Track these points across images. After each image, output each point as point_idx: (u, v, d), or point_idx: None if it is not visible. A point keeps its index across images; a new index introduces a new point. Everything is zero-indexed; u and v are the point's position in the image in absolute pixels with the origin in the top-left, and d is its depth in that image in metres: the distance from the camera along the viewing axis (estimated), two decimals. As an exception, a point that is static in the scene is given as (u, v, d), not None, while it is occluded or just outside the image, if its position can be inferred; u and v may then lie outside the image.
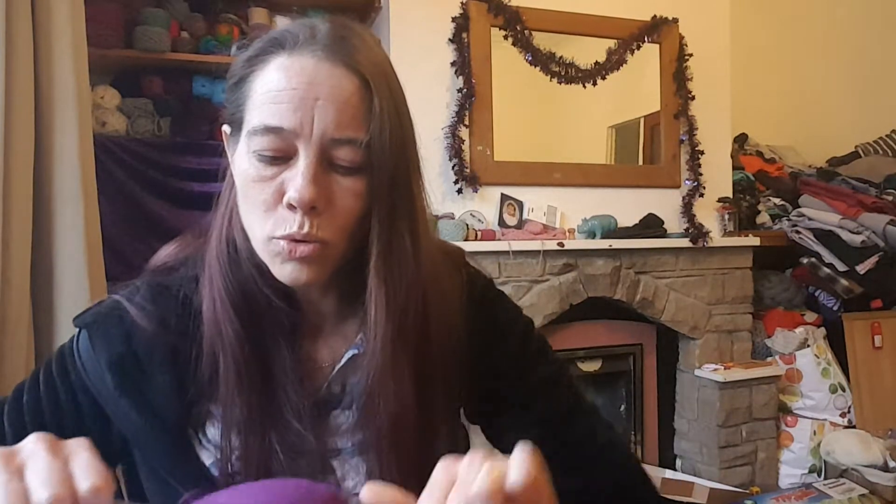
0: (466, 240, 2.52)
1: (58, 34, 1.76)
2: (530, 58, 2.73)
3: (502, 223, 2.66)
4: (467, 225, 2.55)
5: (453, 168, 2.58)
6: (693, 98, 2.99)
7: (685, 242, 2.88)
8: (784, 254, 3.26)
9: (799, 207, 3.30)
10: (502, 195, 2.67)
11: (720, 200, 3.07)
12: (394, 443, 0.62)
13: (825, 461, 2.97)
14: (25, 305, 1.70)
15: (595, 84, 2.84)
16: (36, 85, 1.73)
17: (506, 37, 2.70)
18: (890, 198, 3.25)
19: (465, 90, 2.59)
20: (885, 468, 2.82)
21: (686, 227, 2.93)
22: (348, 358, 0.66)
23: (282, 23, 2.57)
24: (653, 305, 2.87)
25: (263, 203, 0.58)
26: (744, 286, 3.07)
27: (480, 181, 2.62)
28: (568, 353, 2.87)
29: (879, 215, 3.08)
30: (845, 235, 3.07)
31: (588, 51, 2.84)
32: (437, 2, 2.63)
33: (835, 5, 4.05)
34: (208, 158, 2.26)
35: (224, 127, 0.65)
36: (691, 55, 3.00)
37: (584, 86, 2.83)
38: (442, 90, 2.62)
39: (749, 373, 2.92)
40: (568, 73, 2.80)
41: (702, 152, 3.00)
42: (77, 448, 0.42)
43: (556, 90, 2.81)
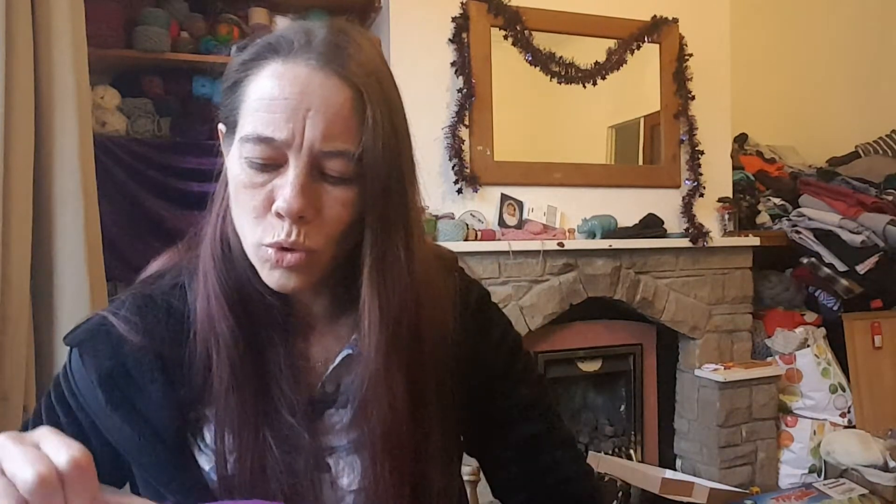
0: (466, 240, 2.52)
1: (58, 34, 1.75)
2: (530, 58, 2.73)
3: (502, 223, 2.66)
4: (467, 225, 2.55)
5: (453, 168, 2.58)
6: (693, 98, 2.99)
7: (685, 242, 2.88)
8: (784, 254, 3.25)
9: (799, 207, 3.30)
10: (502, 195, 2.67)
11: (720, 200, 3.07)
12: (387, 444, 0.62)
13: (825, 461, 2.97)
14: (25, 305, 1.70)
15: (595, 84, 2.84)
16: (36, 85, 1.73)
17: (506, 37, 2.70)
18: (890, 198, 3.25)
19: (465, 90, 2.59)
20: (885, 468, 2.82)
21: (686, 227, 2.93)
22: (342, 358, 0.66)
23: (282, 23, 2.57)
24: (653, 305, 2.87)
25: (253, 209, 0.59)
26: (744, 286, 3.07)
27: (480, 181, 2.62)
28: (568, 353, 2.88)
29: (879, 215, 3.08)
30: (845, 235, 3.07)
31: (588, 51, 2.84)
32: (437, 2, 2.63)
33: (835, 5, 4.05)
34: (208, 158, 2.24)
35: (220, 125, 0.65)
36: (691, 55, 3.00)
37: (584, 86, 2.83)
38: (442, 90, 2.62)
39: (749, 373, 2.93)
40: (568, 73, 2.80)
41: (702, 152, 3.00)
42: (43, 433, 0.42)
43: (556, 90, 2.81)
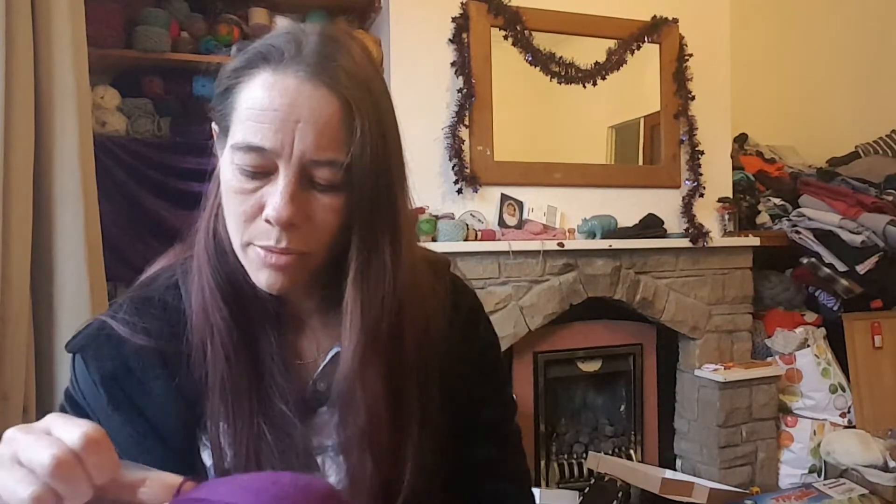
0: (466, 240, 2.52)
1: (58, 34, 1.76)
2: (530, 58, 2.73)
3: (502, 223, 2.66)
4: (467, 225, 2.55)
5: (453, 168, 2.58)
6: (693, 98, 2.99)
7: (685, 242, 2.88)
8: (784, 254, 3.25)
9: (799, 207, 3.30)
10: (502, 195, 2.67)
11: (720, 200, 3.07)
12: (366, 443, 0.64)
13: (825, 461, 2.97)
14: (25, 305, 1.70)
15: (595, 84, 2.84)
16: (36, 85, 1.73)
17: (506, 37, 2.70)
18: (890, 198, 3.24)
19: (465, 90, 2.59)
20: (885, 468, 2.82)
21: (686, 227, 2.93)
22: (332, 355, 0.68)
23: (282, 23, 2.57)
24: (653, 305, 2.87)
25: (244, 213, 0.60)
26: (744, 286, 3.07)
27: (480, 181, 2.62)
28: (568, 353, 2.88)
29: (879, 215, 3.08)
30: (845, 235, 3.07)
31: (588, 51, 2.84)
32: (437, 2, 2.63)
33: (835, 5, 4.05)
34: (208, 158, 2.24)
35: (213, 125, 0.67)
36: (691, 55, 3.00)
37: (584, 86, 2.83)
38: (442, 90, 2.62)
39: (749, 373, 2.93)
40: (568, 74, 2.80)
41: (702, 152, 3.00)
42: (51, 419, 0.43)
43: (556, 90, 2.81)
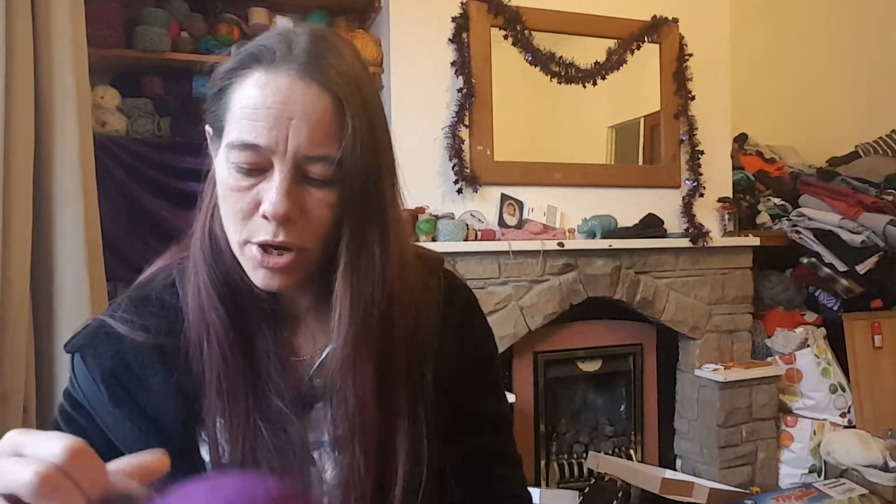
0: (466, 240, 2.52)
1: (58, 34, 1.76)
2: (530, 58, 2.73)
3: (502, 223, 2.66)
4: (467, 225, 2.55)
5: (453, 168, 2.58)
6: (693, 98, 2.99)
7: (685, 242, 2.88)
8: (784, 254, 3.25)
9: (799, 207, 3.30)
10: (502, 195, 2.67)
11: (720, 200, 3.07)
12: (359, 435, 0.65)
13: (825, 461, 2.97)
14: (25, 305, 1.70)
15: (595, 84, 2.84)
16: (36, 85, 1.73)
17: (506, 37, 2.70)
18: (890, 198, 3.25)
19: (465, 90, 2.59)
20: (885, 468, 2.82)
21: (686, 227, 2.93)
22: (328, 352, 0.68)
23: (282, 23, 2.57)
24: (653, 305, 2.87)
25: (241, 211, 0.61)
26: (744, 286, 3.07)
27: (480, 181, 2.62)
28: (568, 353, 2.88)
29: (879, 215, 3.08)
30: (845, 235, 3.07)
31: (588, 51, 2.84)
32: (437, 2, 2.63)
33: (835, 5, 4.05)
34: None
35: (206, 127, 0.68)
36: (691, 55, 3.00)
37: (584, 86, 2.83)
38: (442, 90, 2.62)
39: (749, 373, 2.93)
40: (568, 73, 2.80)
41: (702, 152, 3.00)
42: (15, 440, 0.40)
43: (556, 90, 2.81)
